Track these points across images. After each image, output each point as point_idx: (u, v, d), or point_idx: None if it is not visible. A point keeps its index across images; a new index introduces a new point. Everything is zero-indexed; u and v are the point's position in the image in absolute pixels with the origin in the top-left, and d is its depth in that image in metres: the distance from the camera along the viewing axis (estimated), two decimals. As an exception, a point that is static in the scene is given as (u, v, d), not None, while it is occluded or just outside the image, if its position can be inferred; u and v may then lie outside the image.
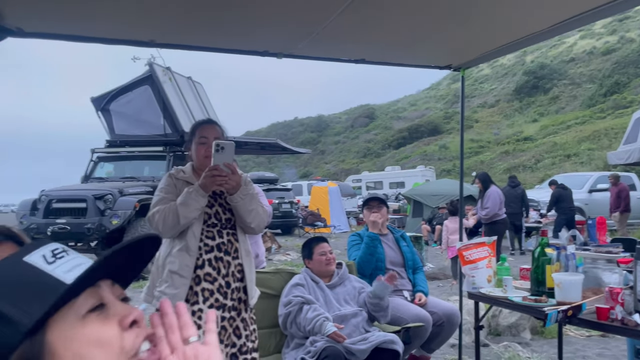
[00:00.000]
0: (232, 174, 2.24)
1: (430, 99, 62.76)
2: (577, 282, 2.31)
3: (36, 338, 0.62)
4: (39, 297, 0.62)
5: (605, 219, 5.61)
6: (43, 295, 0.62)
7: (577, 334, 4.66)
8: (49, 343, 0.62)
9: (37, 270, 0.64)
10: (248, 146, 9.70)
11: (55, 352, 0.62)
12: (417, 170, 26.07)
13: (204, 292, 2.29)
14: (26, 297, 0.62)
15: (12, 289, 0.62)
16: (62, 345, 0.63)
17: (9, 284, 0.63)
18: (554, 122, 35.77)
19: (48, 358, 0.62)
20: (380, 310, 3.08)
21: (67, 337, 0.63)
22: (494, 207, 7.88)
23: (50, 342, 0.62)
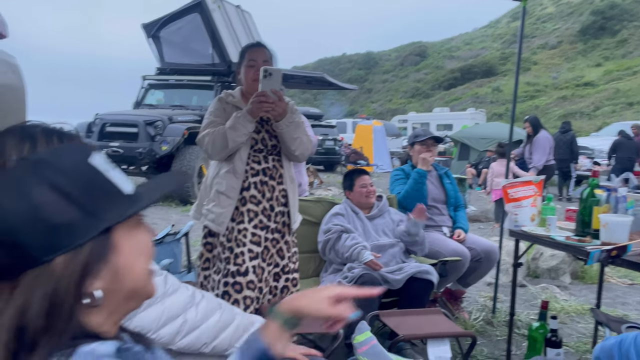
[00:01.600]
0: (279, 101, 2.25)
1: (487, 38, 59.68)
2: (625, 224, 2.24)
3: (106, 235, 0.71)
4: (112, 201, 0.72)
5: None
6: (115, 201, 0.73)
7: (619, 281, 4.59)
8: (114, 240, 0.72)
9: (102, 176, 0.73)
10: (294, 80, 9.61)
11: (117, 248, 0.73)
12: (466, 113, 25.28)
13: (249, 212, 2.38)
14: (103, 199, 0.71)
15: (89, 190, 0.70)
16: (123, 243, 0.74)
17: (86, 185, 0.70)
18: (619, 67, 33.48)
19: (112, 253, 0.72)
20: (416, 244, 3.11)
21: (127, 239, 0.74)
22: (541, 157, 7.60)
23: (115, 240, 0.72)
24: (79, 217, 0.68)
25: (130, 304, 0.78)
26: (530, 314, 3.59)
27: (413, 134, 3.78)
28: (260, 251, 2.37)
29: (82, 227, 0.68)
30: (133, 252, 0.75)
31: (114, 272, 0.72)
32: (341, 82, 12.82)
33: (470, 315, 3.50)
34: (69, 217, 0.68)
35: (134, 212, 0.74)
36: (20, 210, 0.66)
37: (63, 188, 0.68)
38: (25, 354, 0.66)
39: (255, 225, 2.37)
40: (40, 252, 0.67)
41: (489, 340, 3.17)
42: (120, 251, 0.73)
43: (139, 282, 0.76)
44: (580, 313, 3.65)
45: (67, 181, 0.69)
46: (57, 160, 0.70)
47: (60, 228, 0.67)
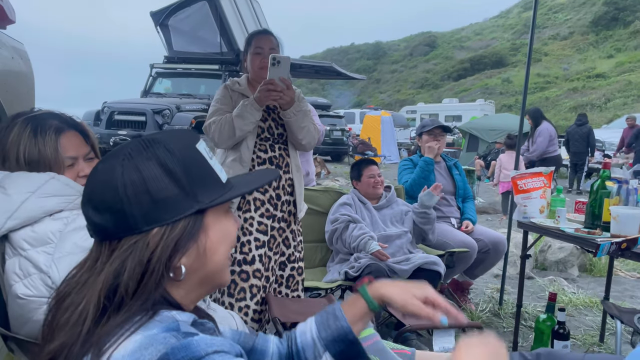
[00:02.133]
0: (287, 89, 2.23)
1: (497, 28, 59.05)
2: (636, 216, 2.21)
3: (199, 216, 0.78)
4: (209, 186, 0.79)
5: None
6: (212, 186, 0.80)
7: (627, 274, 4.55)
8: (205, 222, 0.79)
9: (205, 162, 0.80)
10: (302, 69, 9.55)
11: (207, 230, 0.79)
12: (476, 104, 25.09)
13: (255, 201, 2.37)
14: (203, 182, 0.79)
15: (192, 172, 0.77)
16: (212, 227, 0.80)
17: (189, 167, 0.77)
18: (632, 58, 33.03)
19: (202, 233, 0.79)
20: (427, 222, 3.09)
21: (216, 223, 0.81)
22: (541, 145, 7.54)
23: (206, 222, 0.79)
24: (179, 195, 0.75)
25: (205, 287, 0.84)
26: (538, 306, 3.57)
27: (421, 124, 3.76)
28: (266, 240, 2.37)
29: (180, 205, 0.76)
30: (219, 237, 0.81)
31: (200, 252, 0.79)
32: (349, 72, 12.74)
33: (477, 307, 3.49)
34: (170, 193, 0.75)
35: (227, 199, 0.81)
36: (130, 182, 0.73)
37: (169, 166, 0.75)
38: (112, 311, 0.73)
39: (261, 214, 2.37)
40: (141, 221, 0.74)
41: (496, 331, 3.16)
42: (208, 233, 0.79)
43: (218, 266, 0.82)
44: (588, 306, 3.63)
45: (174, 160, 0.76)
46: (168, 141, 0.77)
47: (161, 202, 0.75)
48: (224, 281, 0.86)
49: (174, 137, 0.79)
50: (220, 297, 2.34)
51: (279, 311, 2.23)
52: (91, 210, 0.76)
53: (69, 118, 1.29)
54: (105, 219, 0.74)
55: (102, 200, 0.75)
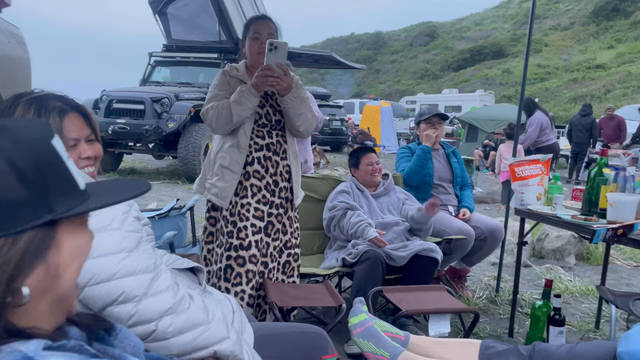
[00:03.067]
0: (284, 75, 2.22)
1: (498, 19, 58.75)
2: (633, 202, 2.22)
3: (50, 228, 0.63)
4: (64, 192, 0.64)
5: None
6: (67, 193, 0.65)
7: (624, 262, 4.57)
8: (57, 235, 0.65)
9: (62, 162, 0.65)
10: (301, 58, 9.52)
11: (58, 245, 0.65)
12: (475, 95, 25.03)
13: (252, 187, 2.38)
14: (57, 187, 0.63)
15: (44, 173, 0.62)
16: (64, 241, 0.66)
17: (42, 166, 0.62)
18: (632, 49, 32.90)
19: (53, 250, 0.64)
20: (420, 231, 3.11)
21: (70, 237, 0.67)
22: (532, 135, 7.57)
23: (57, 236, 0.65)
24: (27, 199, 0.60)
25: (55, 314, 0.68)
26: (534, 293, 3.59)
27: (419, 113, 3.76)
28: (263, 226, 2.38)
29: (27, 212, 0.60)
30: (72, 254, 0.67)
31: (49, 271, 0.64)
32: (349, 61, 12.69)
33: (474, 294, 3.51)
34: (16, 196, 0.59)
35: (87, 210, 0.66)
36: None
37: (17, 162, 0.60)
38: None
39: (258, 200, 2.38)
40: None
41: (492, 318, 3.18)
42: (60, 249, 0.65)
43: (68, 289, 0.68)
44: (584, 293, 3.65)
45: (25, 155, 0.61)
46: (19, 129, 0.62)
47: (3, 206, 0.59)
48: (73, 307, 0.71)
49: (26, 127, 0.64)
50: (217, 282, 2.35)
51: (276, 296, 2.24)
52: None
53: (71, 100, 1.29)
54: None
55: None
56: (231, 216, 2.36)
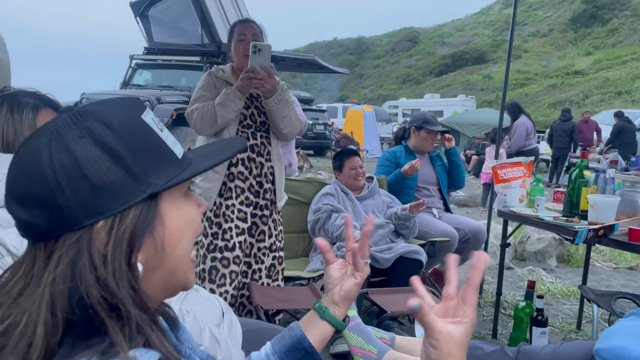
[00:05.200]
0: (269, 77, 2.23)
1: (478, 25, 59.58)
2: (613, 204, 2.26)
3: (153, 202, 0.64)
4: (162, 165, 0.65)
5: (651, 156, 5.37)
6: (165, 164, 0.65)
7: (603, 264, 4.65)
8: (160, 209, 0.65)
9: (155, 135, 0.66)
10: (284, 62, 9.50)
11: (163, 219, 0.65)
12: (457, 100, 25.29)
13: (236, 189, 2.37)
14: (153, 161, 0.64)
15: (138, 149, 0.63)
16: (169, 214, 0.66)
17: (134, 143, 0.63)
18: (609, 56, 33.65)
19: (158, 223, 0.64)
20: (405, 228, 3.12)
21: (174, 209, 0.66)
22: (518, 140, 7.68)
23: (161, 209, 0.65)
24: (125, 178, 0.61)
25: (166, 291, 0.69)
26: (517, 295, 3.62)
27: (422, 118, 3.62)
28: (246, 227, 2.37)
29: (127, 190, 0.61)
30: (179, 225, 0.67)
31: (157, 245, 0.64)
32: (333, 66, 12.73)
33: (458, 296, 3.52)
34: (114, 177, 0.61)
35: (185, 178, 0.66)
36: (60, 166, 0.59)
37: (109, 143, 0.61)
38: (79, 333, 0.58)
39: (241, 201, 2.37)
40: (80, 214, 0.59)
41: (476, 320, 3.19)
42: (166, 222, 0.65)
43: (181, 262, 0.68)
44: (566, 295, 3.70)
45: (114, 136, 0.61)
46: (104, 112, 0.63)
47: (103, 188, 0.60)
48: (188, 282, 0.70)
49: (112, 108, 0.64)
50: (201, 283, 2.33)
51: (261, 299, 2.22)
52: (16, 206, 0.61)
53: (44, 96, 1.26)
54: (35, 215, 0.59)
55: (27, 192, 0.60)
56: (216, 217, 2.35)
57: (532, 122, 8.00)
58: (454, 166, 3.63)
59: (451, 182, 3.70)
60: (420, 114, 3.72)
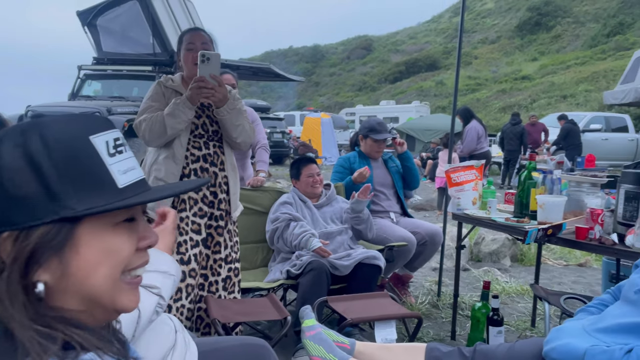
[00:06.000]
0: (219, 86, 2.21)
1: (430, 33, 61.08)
2: (560, 204, 2.34)
3: (66, 225, 0.62)
4: (91, 191, 0.63)
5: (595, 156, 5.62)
6: (96, 191, 0.63)
7: (554, 262, 4.82)
8: (76, 235, 0.62)
9: (98, 160, 0.64)
10: (240, 70, 9.43)
11: (77, 246, 0.63)
12: (411, 106, 25.80)
13: (189, 200, 2.32)
14: (81, 185, 0.62)
15: (73, 169, 0.62)
16: (86, 242, 0.63)
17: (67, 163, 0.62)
18: (554, 61, 35.18)
19: (69, 248, 0.62)
20: (361, 222, 3.13)
21: (94, 238, 0.64)
22: (470, 144, 7.94)
23: (77, 235, 0.63)
24: (41, 195, 0.60)
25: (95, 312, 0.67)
26: (474, 296, 3.70)
27: (368, 126, 3.65)
28: (201, 239, 2.33)
29: (39, 207, 0.60)
30: (94, 255, 0.64)
31: (65, 270, 0.62)
32: (289, 74, 12.74)
33: (417, 299, 3.57)
34: (31, 191, 0.60)
35: (109, 209, 0.63)
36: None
37: (35, 158, 0.61)
38: None
39: (194, 213, 2.32)
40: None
41: (435, 322, 3.24)
42: (80, 250, 0.63)
43: (102, 289, 0.65)
44: (520, 293, 3.80)
45: (45, 153, 0.61)
46: (50, 128, 0.63)
47: (16, 200, 0.60)
48: (123, 306, 0.68)
49: (59, 124, 0.64)
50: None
51: (218, 312, 2.18)
52: None
53: None
54: None
55: None
56: None
57: (483, 126, 8.26)
58: (407, 170, 3.69)
59: (405, 185, 3.76)
60: (367, 121, 3.75)
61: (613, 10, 36.05)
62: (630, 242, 2.02)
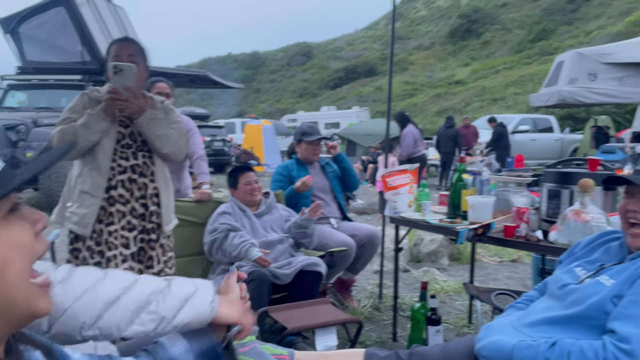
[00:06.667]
0: (134, 98, 2.16)
1: (367, 39, 62.33)
2: (489, 204, 2.44)
3: None
4: None
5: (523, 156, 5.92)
6: None
7: (489, 259, 5.01)
8: None
9: None
10: (176, 78, 9.21)
11: None
12: (352, 111, 26.19)
13: (117, 213, 2.24)
14: None
15: None
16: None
17: None
18: (484, 66, 36.82)
19: None
20: (305, 237, 3.13)
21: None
22: (407, 148, 8.19)
23: None
24: None
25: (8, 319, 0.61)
26: (414, 296, 3.78)
27: (300, 131, 3.74)
28: (129, 254, 2.24)
29: None
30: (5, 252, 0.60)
31: None
32: (228, 81, 12.60)
33: (360, 303, 3.60)
34: None
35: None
36: None
37: None
38: None
39: (122, 226, 2.23)
40: None
41: (377, 325, 3.28)
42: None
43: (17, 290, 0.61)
44: (458, 291, 3.93)
45: None
46: None
47: None
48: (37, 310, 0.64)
49: None
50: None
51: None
52: None
53: None
54: None
55: None
56: (97, 245, 2.19)
57: (419, 130, 8.52)
58: (345, 171, 3.74)
59: (345, 187, 3.80)
60: (299, 127, 3.82)
61: (537, 17, 38.28)
62: (553, 238, 2.13)
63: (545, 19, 36.92)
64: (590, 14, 35.50)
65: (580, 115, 19.14)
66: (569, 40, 31.52)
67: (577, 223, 2.01)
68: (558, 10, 36.75)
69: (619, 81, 7.93)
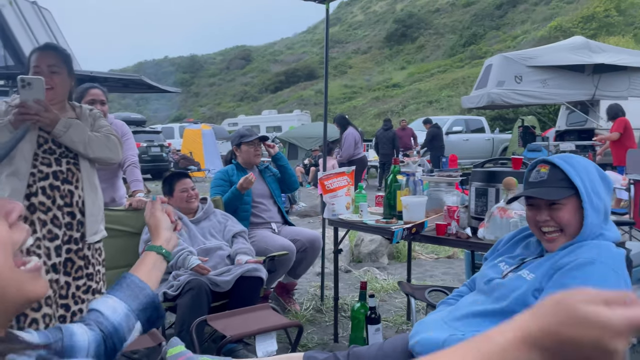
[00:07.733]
0: (45, 111, 2.08)
1: (306, 43, 62.69)
2: (421, 203, 2.52)
3: None
4: None
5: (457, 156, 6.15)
6: None
7: (427, 256, 5.18)
8: None
9: None
10: (108, 83, 8.86)
11: None
12: (293, 115, 26.22)
13: (38, 221, 2.13)
14: None
15: None
16: None
17: None
18: (420, 70, 38.00)
19: None
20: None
21: None
22: (348, 150, 8.34)
23: None
24: None
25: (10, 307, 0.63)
26: (356, 296, 3.84)
27: (238, 134, 3.74)
28: (51, 264, 2.13)
29: None
30: None
31: None
32: (165, 85, 12.27)
33: (302, 306, 3.62)
34: None
35: None
36: None
37: None
38: None
39: (44, 235, 2.13)
40: None
41: (319, 327, 3.31)
42: None
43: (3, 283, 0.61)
44: (397, 289, 4.03)
45: None
46: None
47: None
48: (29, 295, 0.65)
49: None
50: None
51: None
52: None
53: None
54: None
55: None
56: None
57: (359, 133, 8.67)
58: (283, 170, 3.75)
59: (284, 187, 3.80)
60: (236, 132, 3.82)
61: (467, 23, 39.95)
62: (481, 234, 2.24)
63: (475, 24, 38.61)
64: (516, 19, 37.48)
65: (509, 115, 20.19)
66: (497, 45, 33.13)
67: (503, 219, 2.12)
68: (487, 16, 38.54)
69: (543, 83, 8.44)
